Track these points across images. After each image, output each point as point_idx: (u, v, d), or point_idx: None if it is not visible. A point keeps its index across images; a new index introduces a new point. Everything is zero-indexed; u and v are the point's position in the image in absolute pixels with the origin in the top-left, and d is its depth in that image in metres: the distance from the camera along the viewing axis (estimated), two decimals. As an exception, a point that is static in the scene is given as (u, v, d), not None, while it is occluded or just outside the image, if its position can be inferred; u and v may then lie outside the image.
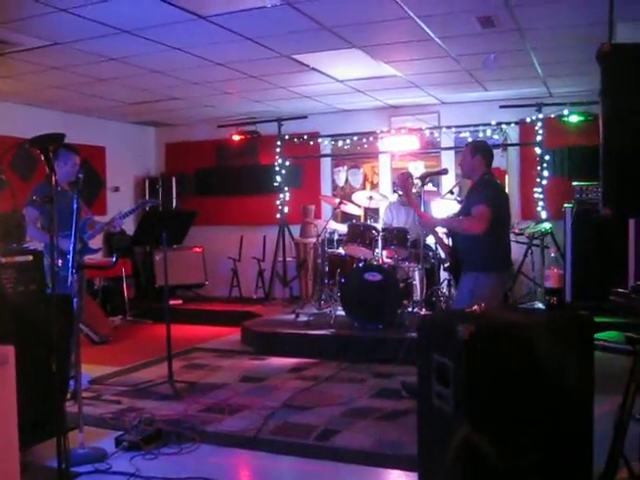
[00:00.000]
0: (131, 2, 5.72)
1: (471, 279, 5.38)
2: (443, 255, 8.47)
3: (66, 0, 5.61)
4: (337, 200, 9.58)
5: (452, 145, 10.66)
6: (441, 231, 6.37)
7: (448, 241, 6.17)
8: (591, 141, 7.54)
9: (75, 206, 4.60)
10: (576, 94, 9.47)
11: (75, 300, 4.70)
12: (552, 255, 9.53)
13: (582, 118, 9.40)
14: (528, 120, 9.91)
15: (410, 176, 7.91)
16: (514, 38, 6.97)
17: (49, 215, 4.80)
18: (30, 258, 4.83)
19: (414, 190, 6.97)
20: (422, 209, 6.07)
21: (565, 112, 9.55)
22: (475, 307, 3.65)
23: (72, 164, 6.10)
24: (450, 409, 3.18)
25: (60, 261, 5.26)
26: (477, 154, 5.51)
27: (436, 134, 10.76)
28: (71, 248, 4.66)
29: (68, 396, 5.01)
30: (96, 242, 6.87)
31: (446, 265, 8.29)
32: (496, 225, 5.28)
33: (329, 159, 11.74)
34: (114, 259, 9.26)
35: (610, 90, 3.03)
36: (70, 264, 4.68)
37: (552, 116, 9.74)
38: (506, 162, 10.40)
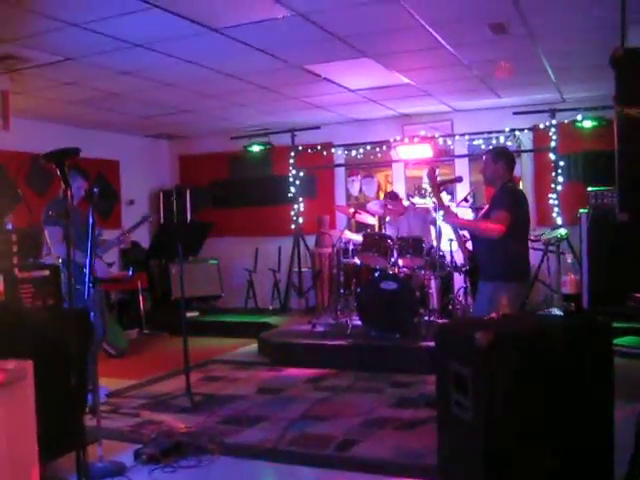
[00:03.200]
0: (143, 16, 5.72)
1: (491, 288, 5.27)
2: (459, 262, 8.46)
3: (77, 15, 5.63)
4: (351, 210, 9.57)
5: (466, 153, 10.65)
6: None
7: (469, 245, 6.18)
8: (605, 146, 7.50)
9: (91, 220, 4.62)
10: (589, 99, 9.44)
11: (92, 314, 4.71)
12: (569, 261, 9.48)
13: (596, 123, 9.38)
14: (542, 126, 9.89)
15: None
16: (526, 44, 6.95)
17: (65, 230, 4.81)
18: (47, 273, 4.86)
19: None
20: (438, 215, 6.09)
21: (579, 117, 9.53)
22: (493, 315, 3.64)
23: (77, 186, 6.05)
24: (469, 417, 3.17)
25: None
26: (500, 160, 5.43)
27: (449, 142, 10.74)
28: (87, 262, 4.68)
29: (87, 410, 5.02)
30: (109, 257, 6.88)
31: (464, 269, 8.29)
32: (517, 234, 5.23)
33: (343, 169, 11.72)
34: (130, 272, 9.29)
35: (624, 94, 3.02)
36: (87, 278, 4.69)
37: (566, 122, 9.70)
38: (520, 169, 10.30)
